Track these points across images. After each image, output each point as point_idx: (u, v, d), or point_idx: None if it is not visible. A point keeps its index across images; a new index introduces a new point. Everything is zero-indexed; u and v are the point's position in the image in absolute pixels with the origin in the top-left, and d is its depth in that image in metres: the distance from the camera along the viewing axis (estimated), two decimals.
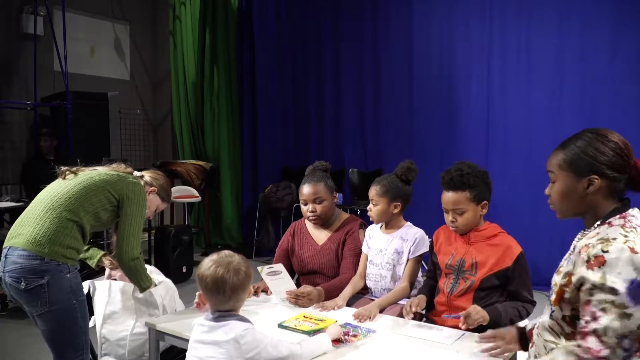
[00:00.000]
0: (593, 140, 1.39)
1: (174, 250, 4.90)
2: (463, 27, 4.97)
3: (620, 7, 4.20)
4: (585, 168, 1.38)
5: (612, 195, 1.39)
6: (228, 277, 1.56)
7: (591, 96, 4.34)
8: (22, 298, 1.95)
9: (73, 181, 2.11)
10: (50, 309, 1.94)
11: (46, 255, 1.93)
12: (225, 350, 1.54)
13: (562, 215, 1.48)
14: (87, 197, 2.06)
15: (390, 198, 2.34)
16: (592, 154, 1.37)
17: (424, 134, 5.23)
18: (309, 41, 6.04)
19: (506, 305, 1.98)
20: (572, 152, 1.41)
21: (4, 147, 5.68)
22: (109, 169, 2.23)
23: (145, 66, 7.24)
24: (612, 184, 1.37)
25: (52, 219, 1.98)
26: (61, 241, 1.97)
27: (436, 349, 1.78)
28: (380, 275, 2.38)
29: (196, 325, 1.64)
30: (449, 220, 2.09)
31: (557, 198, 1.45)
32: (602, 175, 1.36)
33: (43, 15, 5.74)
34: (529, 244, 2.75)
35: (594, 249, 1.29)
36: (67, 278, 1.98)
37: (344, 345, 1.79)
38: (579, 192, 1.40)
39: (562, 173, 1.42)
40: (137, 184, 2.23)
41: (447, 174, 2.08)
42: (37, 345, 3.35)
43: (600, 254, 1.27)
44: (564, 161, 1.42)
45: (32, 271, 1.92)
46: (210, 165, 6.32)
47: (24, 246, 1.94)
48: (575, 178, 1.40)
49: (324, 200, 2.52)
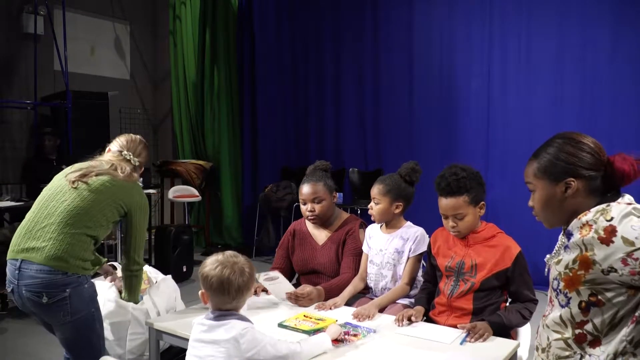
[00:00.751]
0: (563, 145, 1.42)
1: (174, 250, 4.90)
2: (463, 27, 4.97)
3: (620, 7, 4.20)
4: (560, 172, 1.40)
5: (593, 194, 1.39)
6: (234, 278, 1.56)
7: (591, 96, 4.34)
8: (43, 311, 1.96)
9: (85, 194, 2.06)
10: (72, 319, 1.97)
11: (68, 269, 1.95)
12: (225, 349, 1.54)
13: (549, 224, 1.49)
14: (102, 212, 2.07)
15: (392, 198, 2.34)
16: (564, 158, 1.40)
17: (424, 134, 5.23)
18: (309, 41, 6.05)
19: (509, 311, 1.97)
20: (545, 160, 1.43)
21: (4, 146, 5.68)
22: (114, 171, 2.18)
23: (145, 66, 7.24)
24: (589, 183, 1.39)
25: (72, 235, 1.98)
26: (82, 256, 2.00)
27: (436, 348, 1.78)
28: (381, 274, 2.38)
29: (196, 324, 1.64)
30: (450, 225, 2.07)
31: (539, 207, 1.47)
32: (577, 176, 1.38)
33: (43, 14, 5.74)
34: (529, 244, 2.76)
35: (598, 223, 1.30)
36: (85, 288, 2.02)
37: (344, 345, 1.79)
38: (558, 196, 1.41)
39: (539, 182, 1.45)
40: (143, 196, 2.25)
41: (442, 179, 2.06)
42: (37, 344, 3.36)
43: (606, 224, 1.28)
44: (539, 170, 1.44)
45: (54, 285, 1.93)
46: (211, 165, 6.32)
47: (43, 262, 1.93)
48: (552, 184, 1.42)
49: (322, 200, 2.52)
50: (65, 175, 2.12)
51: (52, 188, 2.12)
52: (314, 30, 6.00)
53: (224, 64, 6.40)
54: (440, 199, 2.07)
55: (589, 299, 1.35)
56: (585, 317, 1.36)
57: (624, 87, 4.20)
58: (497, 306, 2.04)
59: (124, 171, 2.18)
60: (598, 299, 1.33)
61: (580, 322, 1.37)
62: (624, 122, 4.16)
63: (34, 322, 3.70)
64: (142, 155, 2.31)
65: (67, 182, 2.08)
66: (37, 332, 3.53)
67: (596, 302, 1.34)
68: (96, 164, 2.19)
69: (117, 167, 2.18)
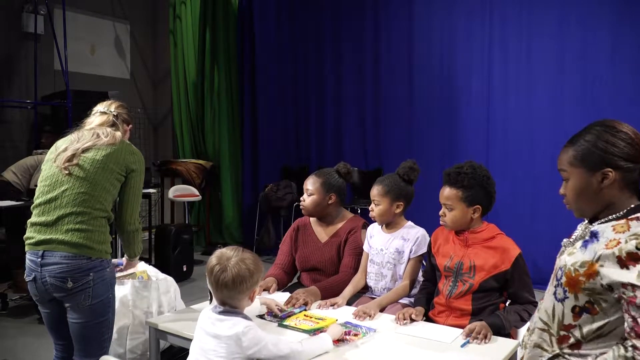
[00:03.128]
0: (602, 132, 1.36)
1: (174, 249, 4.90)
2: (463, 26, 4.97)
3: (620, 7, 4.20)
4: (597, 162, 1.34)
5: (629, 187, 1.35)
6: (232, 272, 1.57)
7: (591, 96, 4.34)
8: (65, 295, 1.97)
9: (84, 176, 2.01)
10: (92, 303, 1.98)
11: (93, 254, 1.97)
12: (227, 345, 1.55)
13: (579, 214, 1.44)
14: (105, 189, 2.04)
15: (392, 198, 2.34)
16: (603, 147, 1.34)
17: (424, 134, 5.23)
18: (309, 41, 6.04)
19: (508, 312, 1.97)
20: (582, 147, 1.37)
21: (4, 145, 5.68)
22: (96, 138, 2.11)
23: (145, 65, 7.24)
24: (626, 175, 1.34)
25: (87, 222, 1.98)
26: (102, 238, 2.01)
27: (436, 348, 1.78)
28: (381, 274, 2.39)
29: (204, 314, 1.66)
30: (440, 213, 2.11)
31: (572, 196, 1.41)
32: (616, 167, 1.33)
33: (43, 14, 5.74)
34: (529, 244, 2.77)
35: (628, 244, 1.24)
36: (107, 272, 2.03)
37: (344, 345, 1.79)
38: (594, 187, 1.36)
39: (574, 170, 1.38)
40: (136, 153, 2.17)
41: (449, 168, 2.10)
42: (37, 344, 3.36)
43: (634, 251, 1.23)
44: (575, 157, 1.38)
45: (79, 270, 1.94)
46: (211, 164, 6.32)
47: (67, 250, 1.94)
48: (588, 173, 1.36)
49: (312, 195, 2.56)
50: (54, 161, 2.07)
51: (47, 178, 2.06)
52: (314, 30, 6.00)
53: (224, 64, 6.40)
54: (442, 186, 2.12)
55: (584, 305, 1.33)
56: (574, 322, 1.34)
57: (624, 87, 4.20)
58: (496, 307, 2.04)
59: (107, 135, 2.11)
60: (593, 307, 1.31)
61: (568, 325, 1.35)
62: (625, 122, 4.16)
63: (34, 322, 3.72)
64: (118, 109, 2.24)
65: (58, 169, 2.04)
66: (37, 332, 3.53)
67: (590, 309, 1.32)
68: (79, 136, 2.13)
69: (100, 134, 2.11)
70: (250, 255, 1.63)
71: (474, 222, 2.08)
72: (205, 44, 6.46)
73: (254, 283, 1.62)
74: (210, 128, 6.50)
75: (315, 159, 5.99)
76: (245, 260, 1.60)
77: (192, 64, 6.56)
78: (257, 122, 6.31)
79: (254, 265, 1.61)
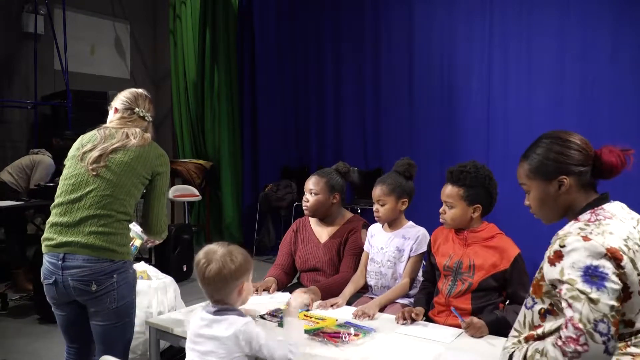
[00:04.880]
0: (551, 144, 1.47)
1: (175, 249, 4.90)
2: (463, 26, 4.97)
3: (620, 7, 4.19)
4: (551, 171, 1.45)
5: (584, 188, 1.45)
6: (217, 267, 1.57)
7: (591, 95, 4.33)
8: (90, 299, 1.93)
9: (110, 178, 1.97)
10: (118, 305, 1.95)
11: (115, 257, 1.94)
12: (227, 346, 1.54)
13: (547, 221, 1.54)
14: (130, 193, 2.01)
15: (397, 196, 2.36)
16: (554, 157, 1.45)
17: (424, 134, 5.23)
18: (310, 41, 6.04)
19: (506, 312, 1.97)
20: (536, 160, 1.48)
21: (4, 145, 5.69)
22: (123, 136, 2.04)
23: (145, 65, 7.24)
24: (580, 178, 1.44)
25: (110, 224, 1.94)
26: (123, 242, 1.98)
27: (436, 347, 1.78)
28: (381, 272, 2.39)
29: (195, 317, 1.64)
30: (440, 210, 2.13)
31: (536, 206, 1.52)
32: (569, 173, 1.43)
33: (43, 14, 5.74)
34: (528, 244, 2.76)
35: (554, 245, 1.36)
36: (130, 273, 2.01)
37: (344, 344, 1.79)
38: (553, 194, 1.46)
39: (532, 182, 1.49)
40: (163, 155, 2.13)
41: (452, 167, 2.12)
42: (37, 344, 3.36)
43: (558, 249, 1.34)
44: (530, 171, 1.49)
45: (103, 272, 1.91)
46: (211, 164, 6.32)
47: (89, 254, 1.90)
48: (545, 183, 1.46)
49: (317, 194, 2.56)
50: (81, 158, 2.01)
51: (72, 176, 2.01)
52: (314, 30, 6.00)
53: (224, 64, 6.39)
54: (444, 185, 2.13)
55: (548, 307, 1.41)
56: (541, 322, 1.42)
57: (625, 87, 4.20)
58: (496, 306, 2.05)
59: (136, 136, 2.05)
60: (553, 309, 1.39)
61: (536, 326, 1.43)
62: (625, 122, 4.15)
63: (34, 322, 3.72)
64: (150, 110, 2.19)
65: (84, 169, 1.98)
66: (37, 332, 3.54)
67: (551, 311, 1.40)
68: (106, 135, 2.05)
69: (129, 134, 2.05)
70: (237, 250, 1.62)
71: (474, 222, 2.09)
72: (205, 44, 6.46)
73: (241, 275, 1.60)
74: (210, 128, 6.50)
75: (315, 159, 5.99)
76: (232, 253, 1.60)
77: (192, 64, 6.56)
78: (257, 122, 6.31)
79: (241, 258, 1.60)
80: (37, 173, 4.67)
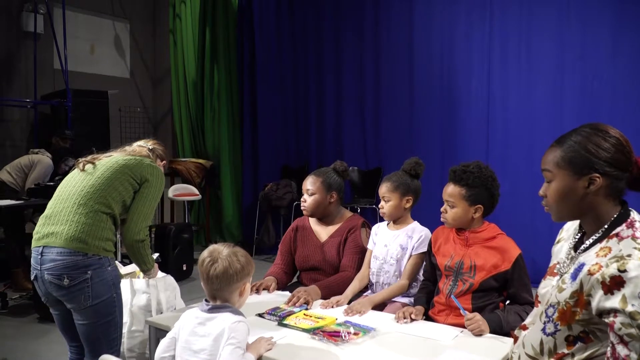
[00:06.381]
0: (592, 135, 1.29)
1: (174, 249, 4.90)
2: (463, 26, 4.97)
3: (620, 7, 4.20)
4: (585, 166, 1.27)
5: (613, 196, 1.29)
6: (219, 266, 1.58)
7: (591, 95, 4.34)
8: (64, 294, 1.94)
9: (95, 172, 2.08)
10: (94, 303, 1.95)
11: (88, 250, 1.94)
12: (217, 343, 1.54)
13: (558, 218, 1.38)
14: (113, 187, 2.05)
15: (402, 192, 2.37)
16: (593, 151, 1.27)
17: (424, 133, 5.23)
18: (309, 40, 6.04)
19: (507, 312, 1.98)
20: (571, 149, 1.29)
21: (4, 145, 5.69)
22: (124, 153, 2.21)
23: (145, 64, 7.24)
24: (613, 183, 1.27)
25: (87, 214, 1.97)
26: (100, 234, 1.98)
27: (436, 347, 1.78)
28: (383, 269, 2.39)
29: (188, 315, 1.64)
30: (442, 209, 2.12)
31: (554, 199, 1.34)
32: (604, 173, 1.26)
33: (43, 13, 5.75)
34: (529, 244, 2.76)
35: (609, 268, 1.17)
36: (108, 271, 2.00)
37: (344, 343, 1.79)
38: (579, 192, 1.29)
39: (560, 171, 1.31)
40: (156, 167, 2.20)
41: (456, 166, 2.11)
42: (37, 343, 3.36)
43: (617, 274, 1.16)
44: (562, 159, 1.30)
45: (75, 267, 1.91)
46: (211, 164, 6.32)
47: (62, 245, 1.92)
48: (575, 177, 1.29)
49: (314, 194, 2.56)
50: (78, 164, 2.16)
51: (66, 178, 2.14)
52: (314, 29, 6.00)
53: (224, 63, 6.40)
54: (447, 184, 2.13)
55: (579, 334, 1.27)
56: (568, 350, 1.29)
57: (625, 87, 4.20)
58: (496, 306, 2.05)
59: (133, 150, 2.23)
60: (588, 337, 1.26)
61: (560, 354, 1.30)
62: (625, 122, 4.14)
63: (34, 322, 3.72)
64: (154, 144, 2.34)
65: (77, 172, 2.12)
66: (37, 332, 3.54)
67: (585, 338, 1.27)
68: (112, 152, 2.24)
69: (126, 148, 2.24)
70: (241, 251, 1.65)
71: (475, 222, 2.09)
72: (205, 44, 6.46)
73: (244, 276, 1.62)
74: (210, 127, 6.50)
75: (315, 159, 5.99)
76: (237, 254, 1.62)
77: (192, 63, 6.55)
78: (257, 121, 6.31)
79: (245, 259, 1.63)
80: (35, 172, 4.67)
